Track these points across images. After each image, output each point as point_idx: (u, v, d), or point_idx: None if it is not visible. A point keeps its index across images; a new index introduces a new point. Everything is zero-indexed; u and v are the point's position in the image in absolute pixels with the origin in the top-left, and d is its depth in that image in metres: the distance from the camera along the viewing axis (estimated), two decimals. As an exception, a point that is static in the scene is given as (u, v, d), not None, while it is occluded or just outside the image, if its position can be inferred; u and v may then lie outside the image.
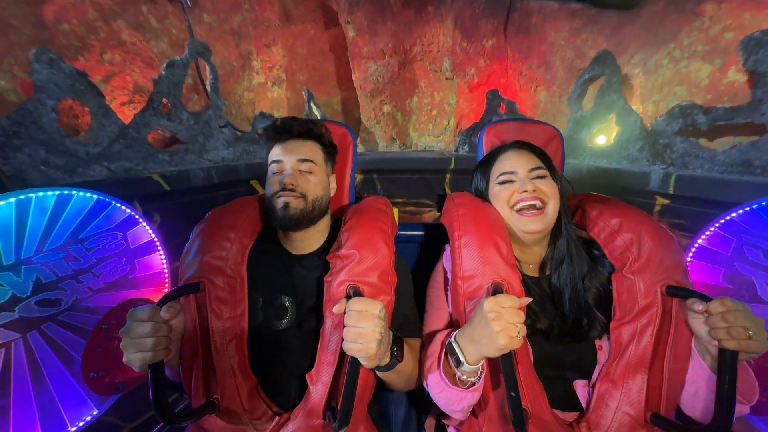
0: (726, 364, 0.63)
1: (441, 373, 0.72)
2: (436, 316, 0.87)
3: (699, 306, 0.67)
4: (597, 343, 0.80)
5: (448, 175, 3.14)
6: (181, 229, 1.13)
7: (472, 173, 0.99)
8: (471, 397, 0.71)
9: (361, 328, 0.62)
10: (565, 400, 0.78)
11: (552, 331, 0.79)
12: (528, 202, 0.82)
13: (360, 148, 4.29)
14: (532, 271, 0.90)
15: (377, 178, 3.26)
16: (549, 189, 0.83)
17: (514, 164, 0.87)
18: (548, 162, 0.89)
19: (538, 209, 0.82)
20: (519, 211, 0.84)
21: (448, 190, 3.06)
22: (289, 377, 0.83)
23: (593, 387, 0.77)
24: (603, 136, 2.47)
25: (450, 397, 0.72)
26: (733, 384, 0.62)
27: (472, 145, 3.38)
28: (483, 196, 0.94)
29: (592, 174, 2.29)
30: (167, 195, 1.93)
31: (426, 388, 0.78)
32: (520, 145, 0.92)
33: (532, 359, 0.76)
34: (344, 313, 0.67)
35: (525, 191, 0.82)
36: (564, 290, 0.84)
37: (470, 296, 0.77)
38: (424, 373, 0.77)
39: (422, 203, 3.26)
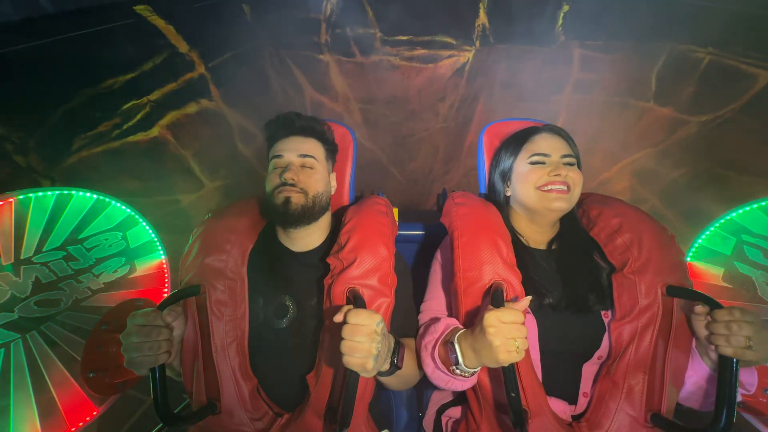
0: (726, 367, 0.62)
1: (436, 364, 0.74)
2: (432, 306, 0.88)
3: (700, 308, 0.68)
4: (603, 313, 0.81)
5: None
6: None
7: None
8: (468, 383, 0.74)
9: (357, 342, 0.61)
10: (567, 383, 0.79)
11: (560, 304, 0.80)
12: (557, 186, 0.83)
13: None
14: (542, 248, 0.91)
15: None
16: (576, 177, 0.84)
17: (549, 147, 0.87)
18: (577, 151, 0.90)
19: (565, 190, 0.83)
20: (547, 190, 0.84)
21: (483, 18, 1.78)
22: (290, 377, 0.83)
23: (596, 376, 0.77)
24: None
25: (446, 383, 0.75)
26: (734, 388, 0.62)
27: None
28: (505, 176, 0.93)
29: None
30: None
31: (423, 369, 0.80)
32: (554, 129, 0.92)
33: (531, 359, 0.76)
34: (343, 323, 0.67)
35: (558, 175, 0.83)
36: (573, 262, 0.85)
37: (470, 296, 0.77)
38: (421, 357, 0.78)
39: (438, 42, 1.87)
